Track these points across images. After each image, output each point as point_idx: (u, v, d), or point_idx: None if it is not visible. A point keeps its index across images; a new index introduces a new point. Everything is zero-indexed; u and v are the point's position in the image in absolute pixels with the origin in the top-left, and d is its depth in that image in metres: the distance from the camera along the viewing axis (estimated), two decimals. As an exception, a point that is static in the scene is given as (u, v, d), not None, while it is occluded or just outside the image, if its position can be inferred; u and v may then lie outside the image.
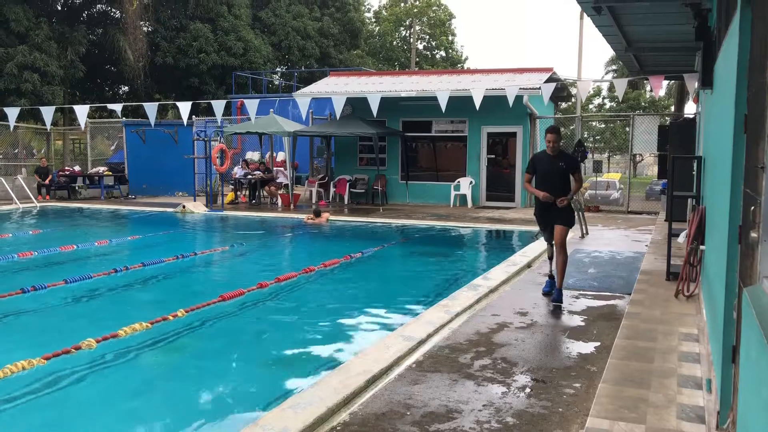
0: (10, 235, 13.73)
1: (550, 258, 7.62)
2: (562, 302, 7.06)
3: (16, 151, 25.92)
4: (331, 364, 5.36)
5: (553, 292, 7.33)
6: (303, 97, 18.06)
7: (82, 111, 16.44)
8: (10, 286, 8.07)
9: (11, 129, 19.97)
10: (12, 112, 16.38)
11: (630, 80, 16.08)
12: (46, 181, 21.27)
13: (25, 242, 12.57)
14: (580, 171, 7.29)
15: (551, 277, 7.51)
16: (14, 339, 6.43)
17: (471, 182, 18.61)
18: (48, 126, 17.76)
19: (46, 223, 16.43)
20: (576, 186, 7.23)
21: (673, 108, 36.26)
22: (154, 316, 6.61)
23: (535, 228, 12.94)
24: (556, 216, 7.24)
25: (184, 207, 17.45)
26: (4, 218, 16.99)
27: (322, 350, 5.98)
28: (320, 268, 9.56)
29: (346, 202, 19.09)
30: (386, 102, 16.69)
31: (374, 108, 15.77)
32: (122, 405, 4.82)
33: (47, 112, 16.50)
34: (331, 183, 19.72)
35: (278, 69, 37.66)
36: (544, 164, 7.21)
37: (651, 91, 36.93)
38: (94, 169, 23.02)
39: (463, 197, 18.54)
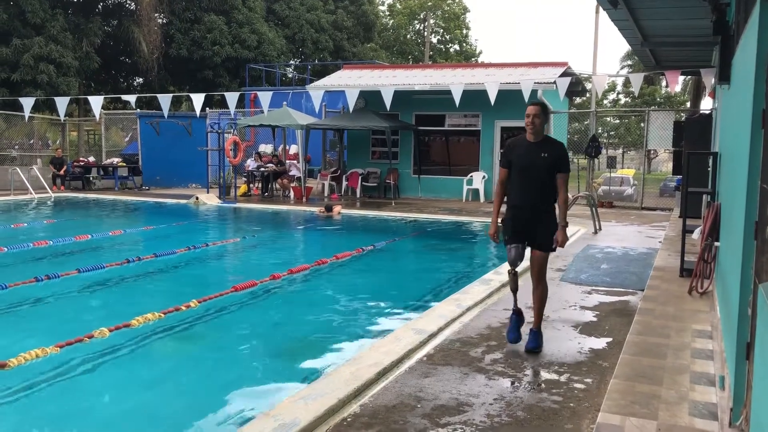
0: (26, 224, 13.85)
1: (515, 291, 5.47)
2: (541, 348, 5.24)
3: (32, 141, 26.13)
4: (342, 356, 5.38)
5: (525, 335, 5.35)
6: (316, 90, 18.09)
7: (96, 102, 16.56)
8: (24, 274, 8.14)
9: (26, 119, 20.17)
10: (27, 103, 16.53)
11: (646, 75, 15.95)
12: (61, 172, 21.42)
13: (40, 231, 12.67)
14: (569, 171, 5.19)
15: (518, 313, 5.45)
16: (28, 327, 6.50)
17: (484, 177, 18.55)
18: (62, 117, 17.92)
19: (61, 212, 16.55)
20: (564, 194, 5.16)
21: (688, 104, 36.00)
22: (166, 306, 6.65)
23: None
24: (537, 232, 5.22)
25: (197, 198, 17.52)
26: (20, 208, 17.14)
27: (334, 342, 5.99)
28: (332, 261, 9.57)
29: (358, 195, 19.09)
30: (399, 95, 16.67)
31: (387, 101, 15.75)
32: (135, 393, 4.86)
33: (62, 103, 16.65)
34: (344, 176, 19.73)
35: (292, 62, 37.66)
36: (522, 154, 5.20)
37: (667, 86, 36.66)
38: (109, 160, 23.15)
39: (476, 192, 18.49)
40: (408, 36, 50.35)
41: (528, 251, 5.36)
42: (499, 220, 5.45)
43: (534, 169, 5.13)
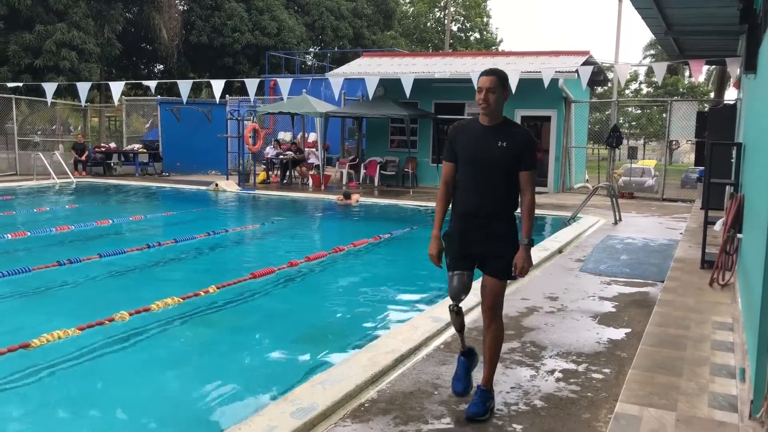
0: (48, 209, 14.01)
1: (460, 330, 4.15)
2: (488, 415, 3.76)
3: (54, 127, 26.39)
4: (360, 342, 5.39)
5: (471, 391, 4.02)
6: (336, 78, 18.07)
7: (117, 88, 16.69)
8: (47, 258, 8.24)
9: (48, 105, 20.37)
10: (50, 88, 16.70)
11: (669, 65, 15.74)
12: (83, 157, 21.62)
13: (62, 216, 12.82)
14: (535, 167, 3.83)
15: (468, 354, 4.14)
16: (50, 310, 6.59)
17: (503, 166, 18.43)
18: (84, 103, 18.06)
19: (83, 198, 16.73)
20: (529, 200, 3.79)
21: (712, 94, 35.50)
22: (186, 292, 6.70)
23: (567, 213, 12.84)
24: (492, 251, 3.83)
25: (217, 185, 17.62)
26: (43, 193, 17.35)
27: (351, 329, 6.01)
28: (350, 248, 9.59)
29: (376, 183, 19.07)
30: (419, 84, 16.60)
31: (407, 89, 15.70)
32: (154, 376, 4.92)
33: (83, 89, 16.80)
34: (362, 164, 19.72)
35: (311, 49, 37.65)
36: (471, 142, 3.86)
37: (690, 76, 36.17)
38: (129, 146, 23.34)
39: (495, 181, 18.37)
40: (428, 24, 50.08)
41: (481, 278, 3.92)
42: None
43: (488, 163, 3.77)
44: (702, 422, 3.64)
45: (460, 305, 4.03)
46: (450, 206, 3.99)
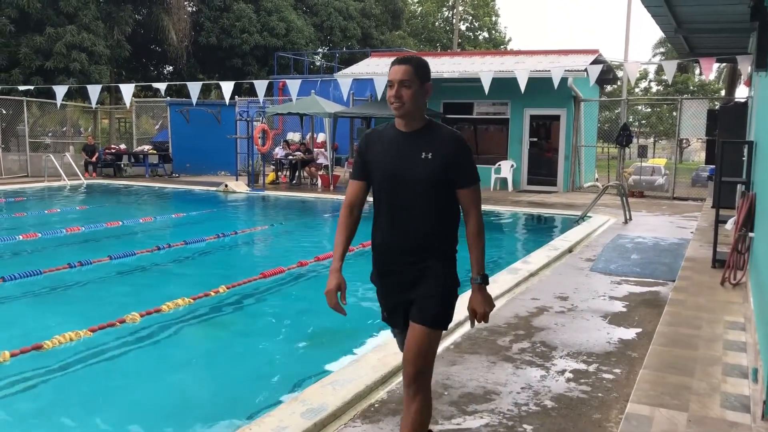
0: (59, 210, 14.10)
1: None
2: None
3: (65, 129, 26.54)
4: (370, 343, 5.40)
5: None
6: (344, 78, 18.08)
7: (127, 90, 16.77)
8: (58, 260, 8.29)
9: (59, 107, 20.49)
10: (60, 90, 16.80)
11: (679, 63, 15.66)
12: (93, 159, 21.74)
13: (73, 218, 12.89)
14: (477, 182, 2.95)
15: None
16: (61, 311, 6.63)
17: (512, 166, 18.42)
18: (94, 104, 18.16)
19: (93, 199, 16.82)
20: (475, 225, 2.93)
21: (723, 92, 35.29)
22: (196, 292, 6.73)
23: (577, 213, 12.79)
24: (420, 291, 2.91)
25: (226, 186, 17.68)
26: (53, 194, 17.46)
27: (361, 329, 6.01)
28: (359, 249, 9.58)
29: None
30: (428, 83, 16.54)
31: (415, 89, 15.64)
32: (165, 377, 4.94)
33: (93, 91, 16.90)
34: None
35: (320, 50, 37.69)
36: (386, 154, 2.97)
37: (701, 74, 35.97)
38: (139, 148, 23.45)
39: (504, 181, 18.36)
40: (436, 23, 50.04)
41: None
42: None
43: (409, 182, 2.85)
44: (714, 423, 3.61)
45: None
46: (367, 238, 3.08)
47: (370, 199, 3.11)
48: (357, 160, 3.09)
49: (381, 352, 4.75)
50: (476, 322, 2.97)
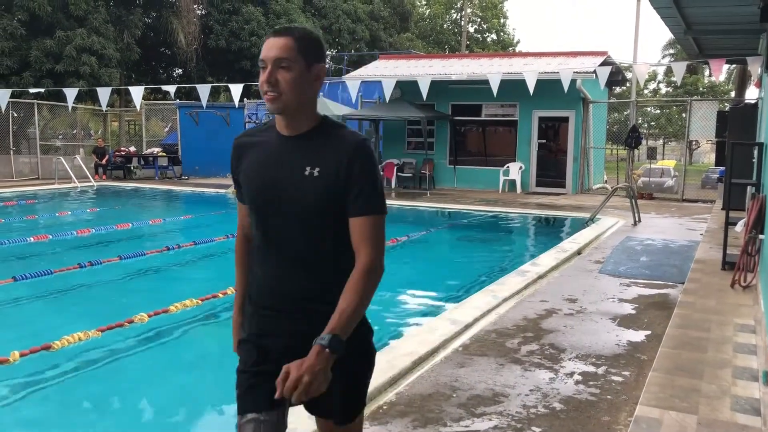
0: (69, 212, 14.18)
1: None
2: None
3: (75, 131, 26.70)
4: (378, 344, 5.38)
5: None
6: (352, 80, 18.10)
7: (137, 92, 16.85)
8: (68, 261, 8.34)
9: (69, 110, 20.61)
10: (70, 93, 16.90)
11: (689, 64, 15.60)
12: (103, 161, 21.85)
13: (83, 220, 12.96)
14: (379, 209, 1.97)
15: None
16: (71, 311, 6.67)
17: (521, 167, 18.38)
18: (104, 107, 18.27)
19: (103, 201, 16.90)
20: (364, 268, 1.94)
21: (733, 93, 35.10)
22: (204, 293, 6.75)
23: (586, 215, 12.74)
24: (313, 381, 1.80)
25: (235, 189, 17.71)
26: (64, 196, 17.56)
27: (369, 331, 6.00)
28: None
29: (393, 186, 19.08)
30: (436, 85, 16.57)
31: (424, 91, 15.68)
32: (173, 377, 4.96)
33: (103, 94, 16.98)
34: (379, 167, 19.71)
35: (328, 52, 37.74)
36: (261, 167, 2.07)
37: (710, 75, 35.80)
38: (149, 150, 23.56)
39: (513, 183, 18.33)
40: (445, 25, 50.02)
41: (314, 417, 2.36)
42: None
43: (289, 206, 2.01)
44: (724, 426, 3.59)
45: None
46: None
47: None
48: (234, 178, 2.22)
49: (389, 353, 4.75)
50: (283, 393, 1.79)
